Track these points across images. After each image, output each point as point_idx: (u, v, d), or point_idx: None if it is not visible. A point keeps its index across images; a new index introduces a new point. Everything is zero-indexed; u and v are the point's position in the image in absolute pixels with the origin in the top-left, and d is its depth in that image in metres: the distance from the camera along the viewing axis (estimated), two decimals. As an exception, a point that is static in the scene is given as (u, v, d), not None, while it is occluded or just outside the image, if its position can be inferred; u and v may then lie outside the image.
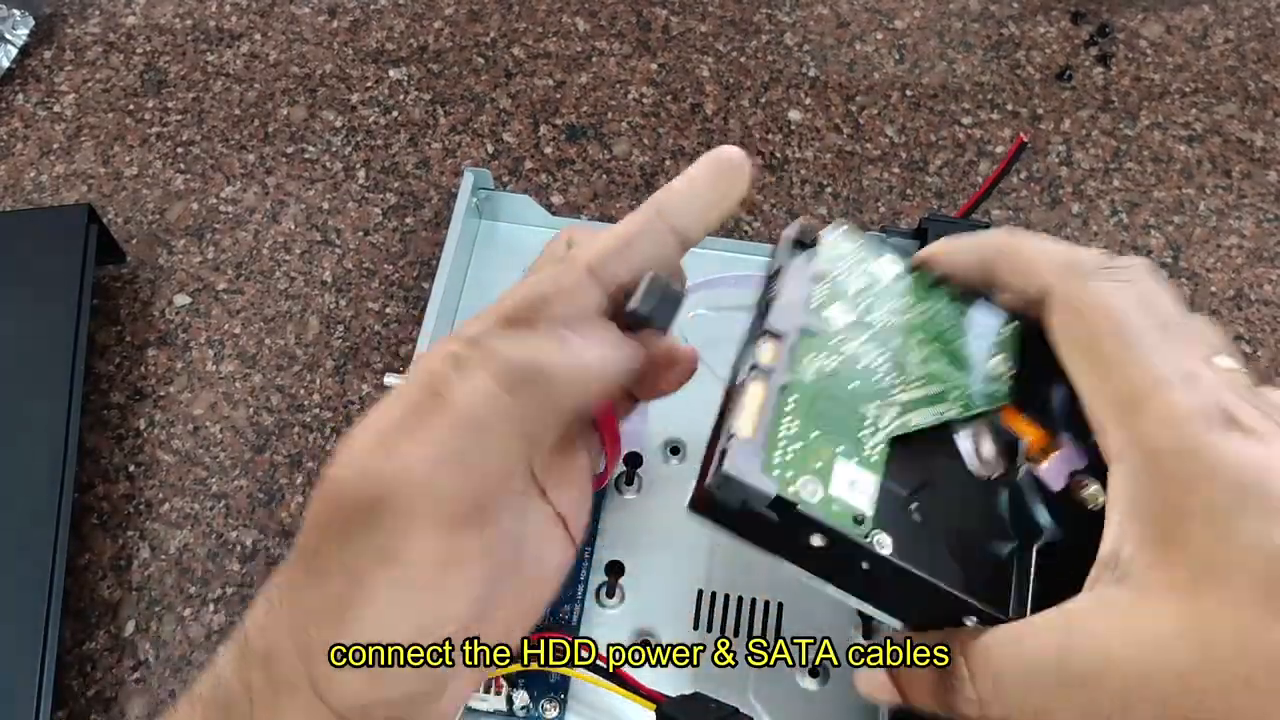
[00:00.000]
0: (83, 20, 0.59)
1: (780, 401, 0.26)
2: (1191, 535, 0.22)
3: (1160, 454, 0.23)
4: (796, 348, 0.27)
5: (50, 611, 0.39)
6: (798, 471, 0.25)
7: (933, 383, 0.29)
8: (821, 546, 0.25)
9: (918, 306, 0.30)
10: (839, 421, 0.27)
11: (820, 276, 0.30)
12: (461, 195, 0.47)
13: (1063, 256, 0.27)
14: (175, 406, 0.47)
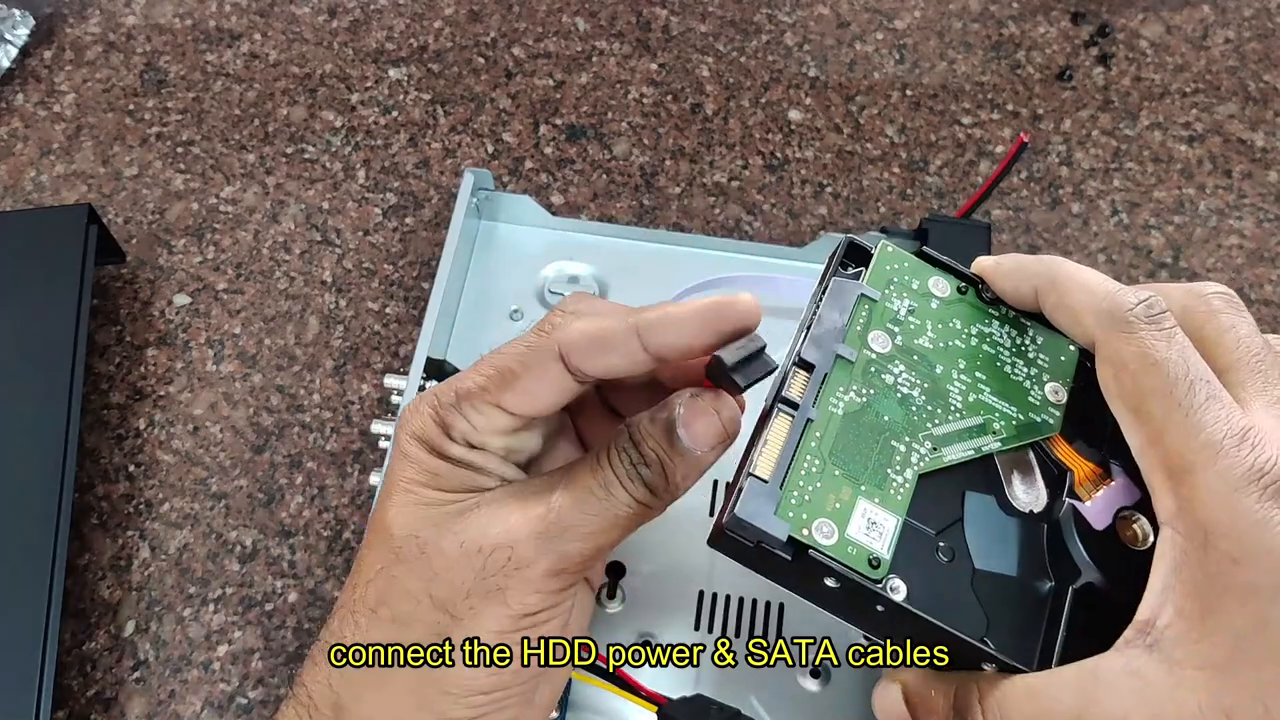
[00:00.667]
0: (83, 20, 0.59)
1: (804, 438, 0.26)
2: (1231, 614, 0.22)
3: (1209, 525, 0.22)
4: (829, 378, 0.27)
5: (50, 611, 0.39)
6: (813, 513, 0.25)
7: (973, 414, 0.28)
8: (836, 588, 0.25)
9: (968, 329, 0.29)
10: (864, 458, 0.26)
11: (864, 299, 0.29)
12: (461, 196, 0.47)
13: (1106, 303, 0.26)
14: (175, 406, 0.47)
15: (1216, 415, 0.23)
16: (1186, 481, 0.23)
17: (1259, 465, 0.22)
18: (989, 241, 0.46)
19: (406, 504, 0.29)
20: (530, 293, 0.48)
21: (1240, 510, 0.22)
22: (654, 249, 0.49)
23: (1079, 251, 0.51)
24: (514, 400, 0.28)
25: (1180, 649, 0.22)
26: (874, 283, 0.29)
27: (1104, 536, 0.26)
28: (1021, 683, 0.24)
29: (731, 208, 0.52)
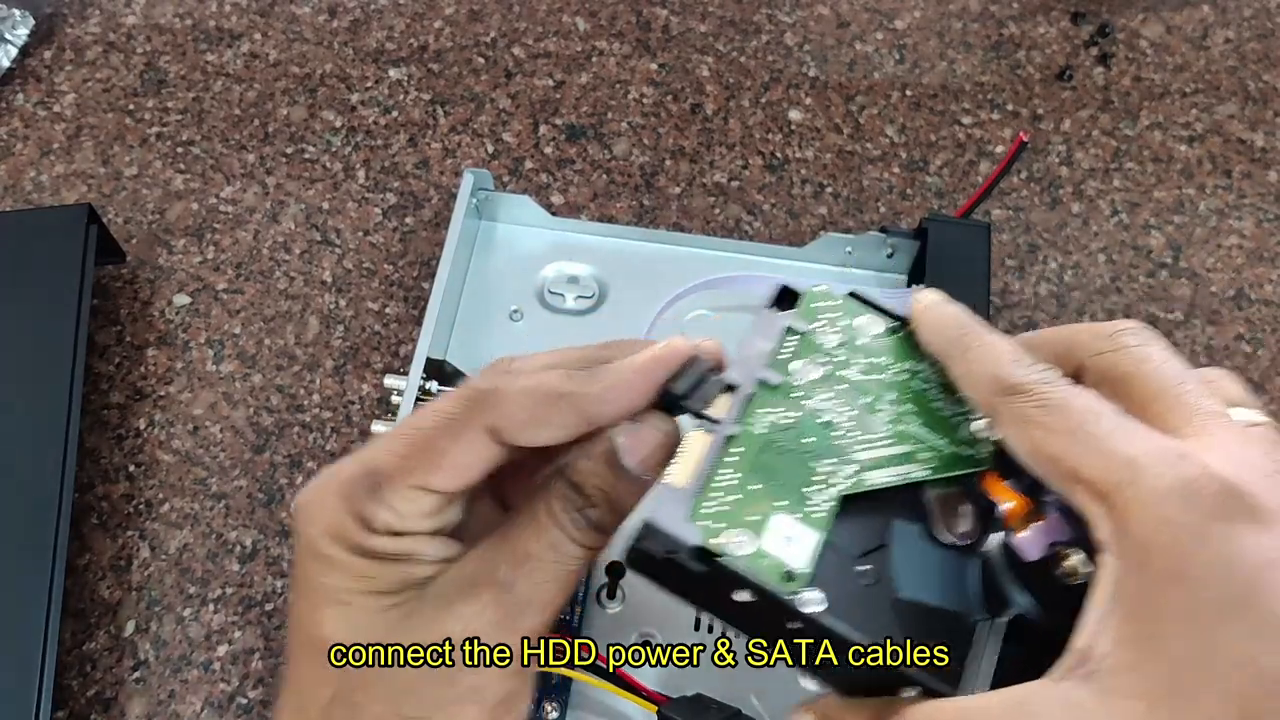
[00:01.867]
0: (83, 20, 0.59)
1: (723, 452, 0.25)
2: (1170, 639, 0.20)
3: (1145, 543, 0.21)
4: (753, 399, 0.26)
5: (50, 611, 0.39)
6: (729, 524, 0.24)
7: (901, 442, 0.27)
8: (748, 602, 0.24)
9: (898, 365, 0.29)
10: (786, 475, 0.25)
11: (792, 330, 0.29)
12: (461, 196, 0.47)
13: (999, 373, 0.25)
14: (175, 406, 0.47)
15: (1133, 434, 0.22)
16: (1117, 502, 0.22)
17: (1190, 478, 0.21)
18: (989, 241, 0.46)
19: (344, 618, 0.25)
20: (530, 293, 0.48)
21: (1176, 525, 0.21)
22: (654, 249, 0.49)
23: (1079, 251, 0.51)
24: (442, 479, 0.25)
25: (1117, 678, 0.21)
26: (804, 318, 0.29)
27: (1036, 570, 0.25)
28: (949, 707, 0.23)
29: (731, 208, 0.52)
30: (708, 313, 0.47)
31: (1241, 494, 0.21)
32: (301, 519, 0.26)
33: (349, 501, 0.25)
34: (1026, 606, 0.25)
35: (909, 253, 0.47)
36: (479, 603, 0.25)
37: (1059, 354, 0.26)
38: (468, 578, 0.26)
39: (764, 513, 0.25)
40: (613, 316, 0.47)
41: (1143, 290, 0.50)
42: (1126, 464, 0.22)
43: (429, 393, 0.42)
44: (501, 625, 0.25)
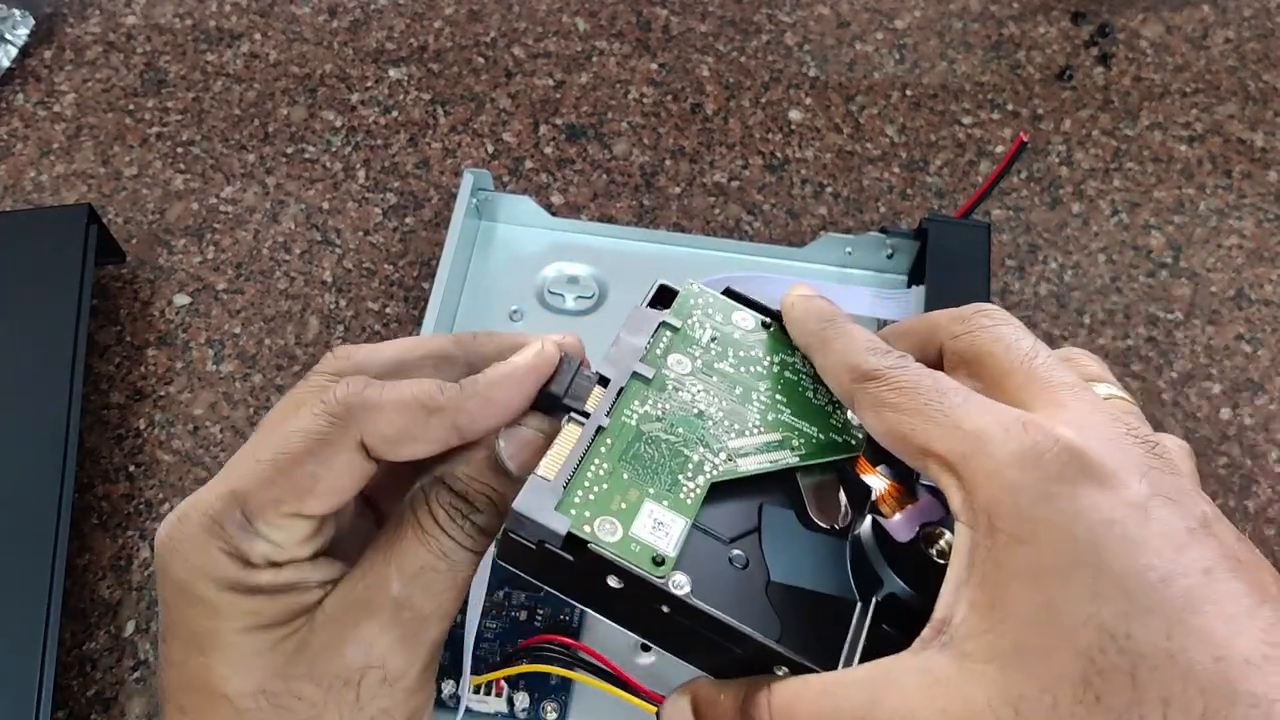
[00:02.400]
0: (83, 20, 0.59)
1: (593, 445, 0.26)
2: (1018, 600, 0.20)
3: (991, 509, 0.21)
4: (624, 392, 0.27)
5: (50, 611, 0.39)
6: (596, 512, 0.24)
7: (773, 430, 0.28)
8: (619, 589, 0.24)
9: (770, 357, 0.30)
10: (656, 464, 0.26)
11: (665, 326, 0.29)
12: (461, 196, 0.47)
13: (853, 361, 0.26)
14: (175, 406, 0.47)
15: (979, 408, 0.23)
16: (965, 471, 0.22)
17: (1034, 444, 0.21)
18: (989, 241, 0.46)
19: (235, 660, 0.24)
20: (530, 293, 0.48)
21: (1019, 488, 0.21)
22: (653, 249, 0.49)
23: (1079, 251, 0.51)
24: (317, 503, 0.24)
25: (970, 642, 0.21)
26: (677, 314, 0.30)
27: (907, 550, 0.25)
28: (815, 681, 0.23)
29: (731, 208, 0.52)
30: None
31: (1083, 456, 0.21)
32: (167, 560, 0.24)
33: (219, 538, 0.24)
34: (897, 586, 0.25)
35: (909, 253, 0.47)
36: (377, 622, 0.25)
37: (921, 341, 0.27)
38: (359, 598, 0.25)
39: (633, 501, 0.25)
40: (612, 316, 0.47)
41: (1143, 290, 0.50)
42: (972, 435, 0.22)
43: None
44: (404, 642, 0.25)
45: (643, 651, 0.40)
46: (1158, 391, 0.48)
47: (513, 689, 0.38)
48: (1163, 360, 0.49)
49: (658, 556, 0.24)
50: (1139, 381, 0.48)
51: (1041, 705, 0.19)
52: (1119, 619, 0.19)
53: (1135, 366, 0.48)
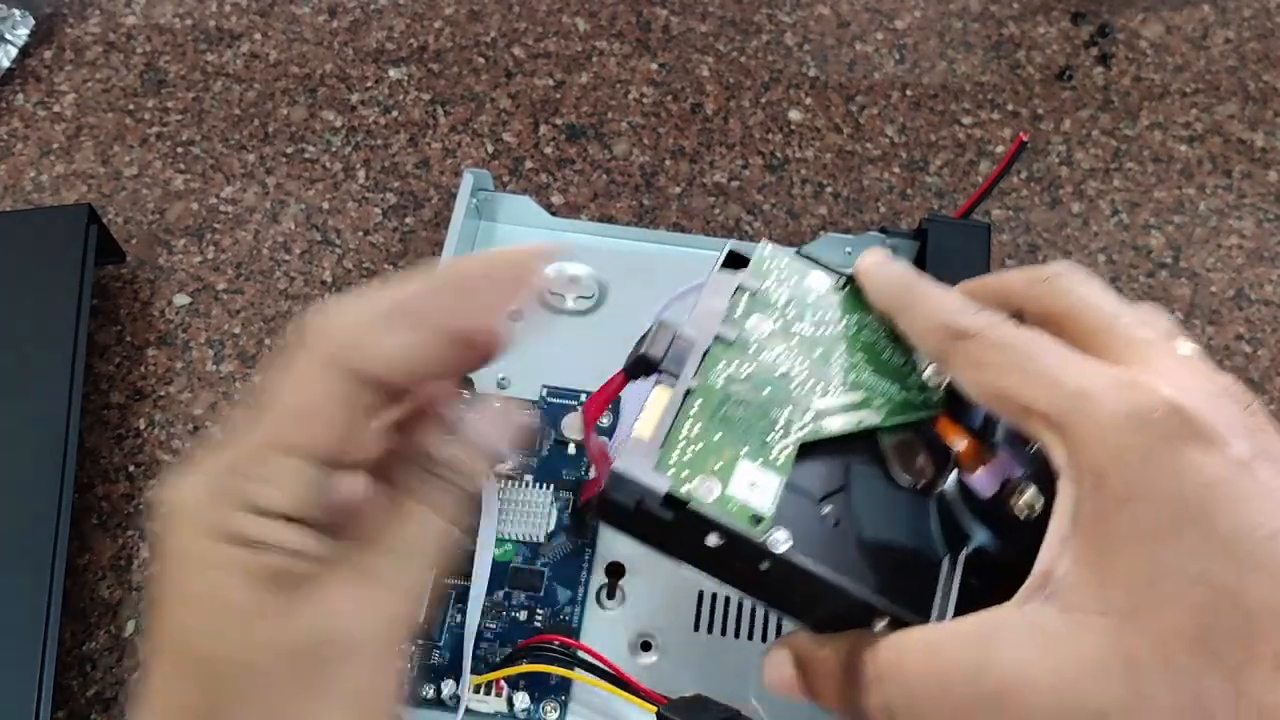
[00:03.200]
0: (83, 20, 0.59)
1: (685, 405, 0.26)
2: (1127, 558, 0.21)
3: (1097, 467, 0.22)
4: (709, 354, 0.27)
5: (50, 611, 0.39)
6: (694, 470, 0.25)
7: (854, 390, 0.28)
8: (718, 546, 0.25)
9: (847, 319, 0.30)
10: (746, 425, 0.26)
11: (743, 288, 0.29)
12: (461, 196, 0.47)
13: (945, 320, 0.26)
14: (175, 406, 0.47)
15: (1081, 365, 0.23)
16: (1070, 429, 0.22)
17: (1140, 404, 0.21)
18: (989, 242, 0.46)
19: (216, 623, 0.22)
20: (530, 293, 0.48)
21: (1127, 448, 0.21)
22: (653, 249, 0.49)
23: (1079, 251, 0.51)
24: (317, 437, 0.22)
25: (1078, 596, 0.21)
26: (753, 275, 0.30)
27: (992, 506, 0.26)
28: (918, 635, 0.23)
29: (731, 208, 0.52)
30: None
31: (1189, 416, 0.21)
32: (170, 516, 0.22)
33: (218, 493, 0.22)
34: (985, 540, 0.25)
35: (909, 253, 0.47)
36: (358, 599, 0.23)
37: (999, 301, 0.27)
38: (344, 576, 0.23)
39: (727, 460, 0.25)
40: (613, 317, 0.47)
41: (1143, 290, 0.50)
42: (1076, 393, 0.22)
43: None
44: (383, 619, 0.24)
45: (642, 651, 0.40)
46: (1158, 391, 0.48)
47: (513, 689, 0.38)
48: (1163, 360, 0.49)
49: (755, 514, 0.25)
50: (1139, 381, 0.48)
51: (1155, 660, 0.20)
52: (1229, 576, 0.20)
53: (1135, 366, 0.48)
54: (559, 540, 0.41)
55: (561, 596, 0.40)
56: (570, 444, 0.43)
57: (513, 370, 0.45)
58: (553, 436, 0.43)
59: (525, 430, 0.28)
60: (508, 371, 0.45)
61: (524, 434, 0.27)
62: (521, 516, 0.41)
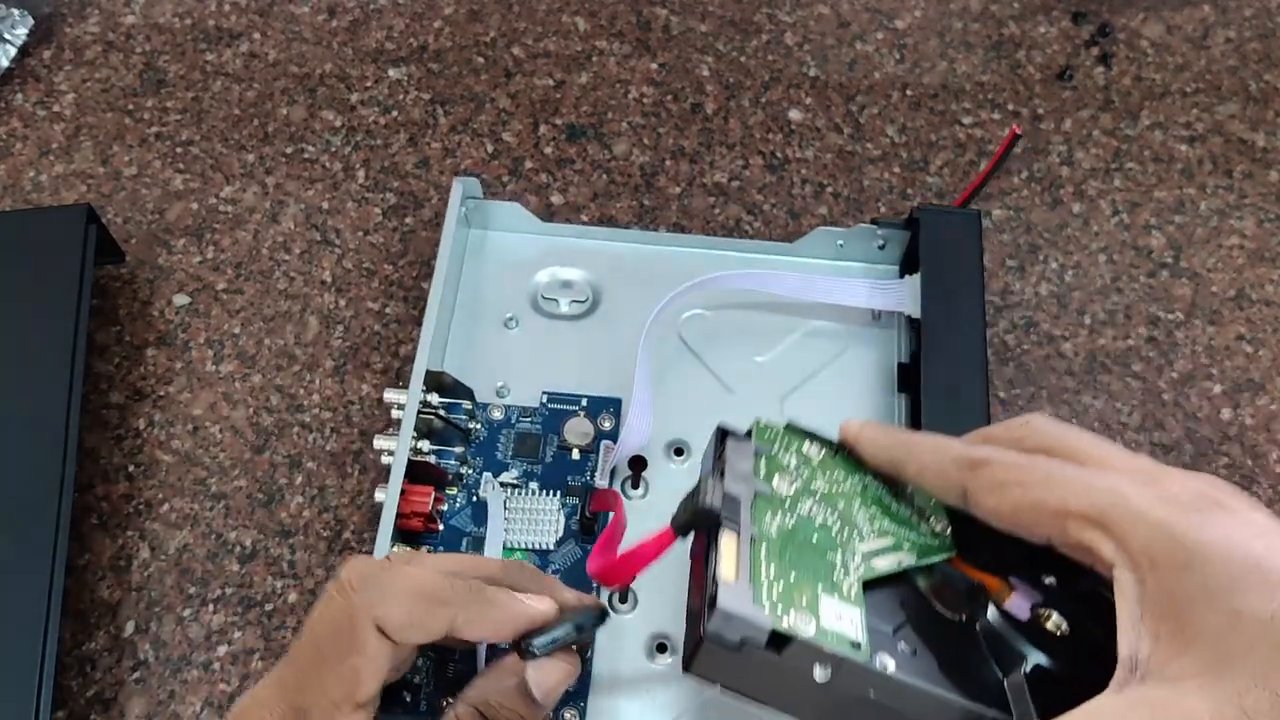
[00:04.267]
0: (82, 20, 0.58)
1: (753, 550, 0.27)
2: (1201, 621, 0.22)
3: (1149, 550, 0.24)
4: (755, 507, 0.29)
5: (50, 611, 0.39)
6: (787, 605, 0.26)
7: (885, 535, 0.30)
8: (825, 681, 0.25)
9: (849, 479, 0.32)
10: (811, 565, 0.28)
11: (758, 453, 0.31)
12: (451, 205, 0.46)
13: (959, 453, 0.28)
14: (174, 406, 0.47)
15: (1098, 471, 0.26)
16: (1114, 522, 0.24)
17: (1166, 489, 0.24)
18: (979, 230, 0.46)
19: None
20: (524, 299, 0.48)
21: (1170, 524, 0.23)
22: (646, 250, 0.49)
23: (1079, 251, 0.51)
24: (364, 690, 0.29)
25: (1170, 667, 0.23)
26: (761, 443, 0.32)
27: (1031, 629, 0.27)
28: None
29: (731, 208, 0.52)
30: (704, 311, 0.47)
31: (1210, 494, 0.24)
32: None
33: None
34: (1040, 658, 0.27)
35: (900, 243, 0.47)
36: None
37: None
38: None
39: (811, 595, 0.26)
40: (607, 319, 0.47)
41: (1143, 290, 0.50)
42: (1109, 490, 0.25)
43: (430, 404, 0.42)
44: None
45: (659, 653, 0.40)
46: (1158, 391, 0.48)
47: None
48: (1163, 360, 0.49)
49: (854, 642, 0.26)
50: (1139, 381, 0.48)
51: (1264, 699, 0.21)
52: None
53: (1136, 366, 0.48)
54: (568, 546, 0.41)
55: None
56: (574, 449, 0.43)
57: (511, 377, 0.45)
58: (555, 443, 0.43)
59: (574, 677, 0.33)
60: (506, 379, 0.45)
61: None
62: (529, 524, 0.41)
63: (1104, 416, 0.47)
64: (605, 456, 0.43)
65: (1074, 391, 0.48)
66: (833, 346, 0.46)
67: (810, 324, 0.47)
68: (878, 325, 0.47)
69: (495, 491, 0.42)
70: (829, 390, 0.45)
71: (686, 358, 0.46)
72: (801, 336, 0.47)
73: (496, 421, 0.44)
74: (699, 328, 0.47)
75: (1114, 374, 0.48)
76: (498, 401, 0.44)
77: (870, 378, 0.45)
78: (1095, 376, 0.48)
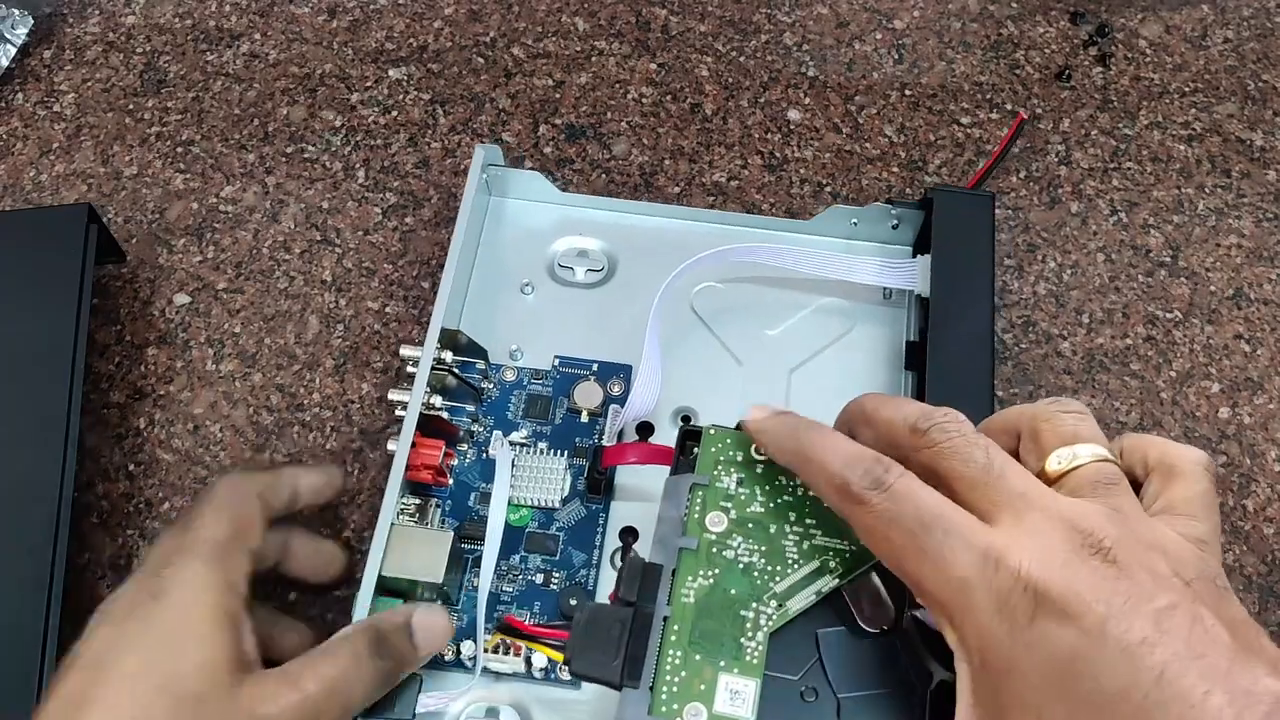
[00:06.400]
0: (82, 20, 0.59)
1: (665, 636, 0.29)
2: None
3: (980, 650, 0.25)
4: (678, 573, 0.30)
5: (50, 611, 0.39)
6: (684, 700, 0.28)
7: (809, 559, 0.30)
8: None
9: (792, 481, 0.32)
10: (719, 635, 0.29)
11: (696, 486, 0.32)
12: (472, 172, 0.47)
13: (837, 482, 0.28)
14: (175, 406, 0.47)
15: (954, 547, 0.25)
16: (955, 618, 0.26)
17: (1004, 589, 0.24)
18: (993, 213, 0.46)
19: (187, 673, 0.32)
20: (541, 266, 0.48)
21: (999, 631, 0.24)
22: (663, 223, 0.49)
23: (1078, 251, 0.51)
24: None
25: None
26: (703, 467, 0.32)
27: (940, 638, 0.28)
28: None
29: (730, 207, 0.52)
30: (716, 284, 0.48)
31: (1044, 594, 0.24)
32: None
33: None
34: (944, 674, 0.28)
35: (914, 223, 0.48)
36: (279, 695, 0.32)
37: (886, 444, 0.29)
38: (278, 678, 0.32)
39: (709, 679, 0.28)
40: (621, 289, 0.48)
41: (1141, 289, 0.50)
42: (957, 582, 0.25)
43: (443, 362, 0.42)
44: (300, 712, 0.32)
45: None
46: (1156, 390, 0.48)
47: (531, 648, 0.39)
48: (1161, 359, 0.49)
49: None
50: (1138, 381, 0.48)
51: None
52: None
53: (1134, 365, 0.48)
54: (574, 505, 0.42)
55: (577, 560, 0.41)
56: (583, 412, 0.44)
57: (525, 340, 0.46)
58: (565, 405, 0.44)
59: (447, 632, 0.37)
60: (520, 342, 0.46)
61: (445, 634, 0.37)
62: (536, 482, 0.42)
63: (1102, 415, 0.47)
64: (613, 420, 0.43)
65: (1072, 391, 0.48)
66: (842, 323, 0.47)
67: (821, 300, 0.47)
68: (888, 304, 0.47)
69: (504, 448, 0.42)
70: (837, 365, 0.46)
71: (698, 328, 0.47)
72: (812, 312, 0.47)
73: (508, 383, 0.45)
74: (711, 299, 0.48)
75: (1112, 373, 0.48)
76: (510, 364, 0.45)
77: (879, 354, 0.46)
78: (1093, 375, 0.48)
